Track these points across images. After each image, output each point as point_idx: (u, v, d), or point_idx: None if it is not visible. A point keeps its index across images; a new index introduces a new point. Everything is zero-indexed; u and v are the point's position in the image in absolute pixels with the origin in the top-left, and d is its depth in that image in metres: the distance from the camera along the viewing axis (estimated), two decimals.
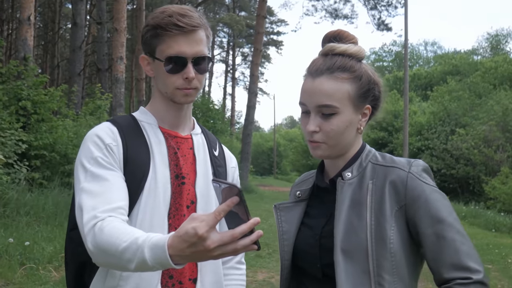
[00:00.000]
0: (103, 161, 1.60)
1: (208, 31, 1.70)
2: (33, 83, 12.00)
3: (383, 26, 33.75)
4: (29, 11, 12.82)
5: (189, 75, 1.63)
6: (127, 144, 1.66)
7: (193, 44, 1.63)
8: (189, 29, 1.61)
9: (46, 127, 11.82)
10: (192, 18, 1.63)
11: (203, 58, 1.66)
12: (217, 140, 1.90)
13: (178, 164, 1.69)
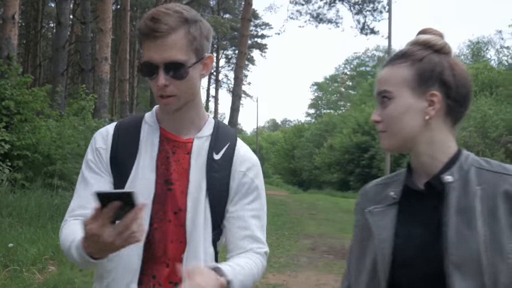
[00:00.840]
0: (92, 164, 1.67)
1: (192, 30, 1.57)
2: (17, 83, 11.88)
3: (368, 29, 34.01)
4: (13, 9, 12.69)
5: (158, 83, 1.56)
6: (118, 147, 1.67)
7: (164, 49, 1.53)
8: (157, 35, 1.52)
9: (29, 127, 11.71)
10: (163, 22, 1.52)
11: (176, 64, 1.55)
12: (230, 141, 1.74)
13: (169, 169, 1.66)
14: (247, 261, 1.64)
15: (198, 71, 1.62)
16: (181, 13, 1.55)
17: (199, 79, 1.64)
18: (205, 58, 1.63)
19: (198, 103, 1.71)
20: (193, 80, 1.60)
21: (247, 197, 1.69)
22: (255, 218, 1.72)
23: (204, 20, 1.64)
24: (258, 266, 1.68)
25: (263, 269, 1.73)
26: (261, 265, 1.72)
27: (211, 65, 1.66)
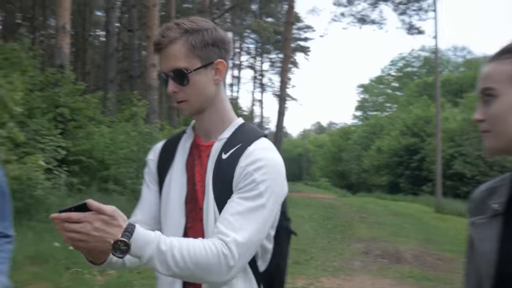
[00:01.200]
0: (146, 176, 1.86)
1: (191, 39, 1.67)
2: (70, 91, 12.20)
3: (414, 29, 33.46)
4: (64, 19, 13.03)
5: (168, 90, 1.69)
6: (161, 156, 1.84)
7: (167, 59, 1.66)
8: (160, 47, 1.67)
9: (83, 133, 12.01)
10: (164, 35, 1.66)
11: (176, 71, 1.66)
12: (244, 142, 1.73)
13: (194, 171, 1.75)
14: (196, 243, 1.52)
15: (206, 76, 1.69)
16: (181, 25, 1.67)
17: (212, 84, 1.71)
18: (214, 63, 1.69)
19: (219, 108, 1.76)
20: (199, 85, 1.67)
21: (242, 188, 1.62)
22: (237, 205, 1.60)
23: (214, 29, 1.71)
24: (208, 251, 1.49)
25: (219, 255, 1.50)
26: (214, 251, 1.50)
27: (224, 70, 1.71)
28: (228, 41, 1.74)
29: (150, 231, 1.46)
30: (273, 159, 1.66)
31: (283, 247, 1.84)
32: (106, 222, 1.38)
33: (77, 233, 1.36)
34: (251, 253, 1.58)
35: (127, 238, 1.40)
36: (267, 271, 1.76)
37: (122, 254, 1.40)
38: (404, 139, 35.18)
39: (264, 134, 1.77)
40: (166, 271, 1.46)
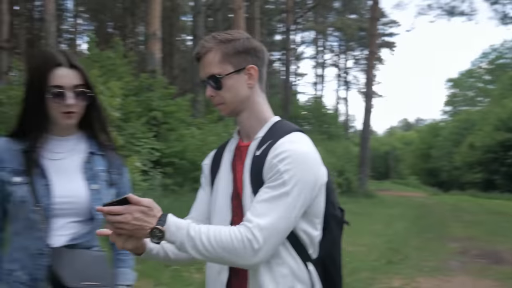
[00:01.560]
0: (202, 180, 2.05)
1: (223, 47, 1.83)
2: (162, 94, 12.63)
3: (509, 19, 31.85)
4: (155, 26, 13.52)
5: (206, 94, 1.89)
6: (213, 161, 2.00)
7: (205, 67, 1.84)
8: (199, 56, 1.87)
9: (175, 135, 12.38)
10: (201, 46, 1.86)
11: (211, 77, 1.83)
12: (275, 138, 1.82)
13: (237, 170, 1.90)
14: (223, 230, 1.67)
15: (239, 81, 1.85)
16: (216, 37, 1.86)
17: (246, 88, 1.86)
18: (246, 69, 1.84)
19: (255, 109, 1.90)
20: (233, 88, 1.84)
21: (268, 179, 1.73)
22: (263, 193, 1.71)
23: (247, 39, 1.88)
24: (232, 236, 1.64)
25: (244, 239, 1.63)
26: (239, 236, 1.64)
27: (256, 75, 1.86)
28: (260, 49, 1.90)
29: (181, 220, 1.66)
30: (298, 150, 1.74)
31: (334, 236, 1.93)
32: (145, 213, 1.59)
33: (120, 223, 1.57)
34: (278, 239, 1.68)
35: (161, 225, 1.60)
36: (319, 259, 1.86)
37: (158, 240, 1.61)
38: (499, 135, 33.54)
39: (297, 129, 1.86)
40: (198, 254, 1.64)
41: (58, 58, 2.03)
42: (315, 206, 1.80)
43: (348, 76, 54.53)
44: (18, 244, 2.07)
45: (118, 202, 1.61)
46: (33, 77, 2.05)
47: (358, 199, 19.85)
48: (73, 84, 2.03)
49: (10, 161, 2.06)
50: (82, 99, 2.07)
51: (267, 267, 1.77)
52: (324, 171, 1.84)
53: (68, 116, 2.06)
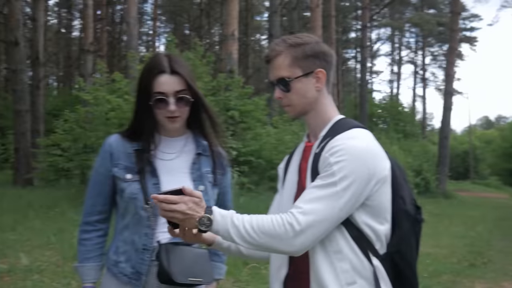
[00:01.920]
0: (278, 185, 2.13)
1: (293, 51, 1.90)
2: (239, 94, 12.82)
3: None
4: (233, 27, 13.74)
5: (274, 96, 1.97)
6: (286, 164, 2.09)
7: (273, 69, 1.93)
8: (268, 59, 1.95)
9: (251, 134, 12.54)
10: (271, 49, 1.94)
11: (280, 80, 1.91)
12: (333, 135, 1.87)
13: (301, 169, 1.97)
14: (265, 217, 1.76)
15: (308, 84, 1.91)
16: (287, 40, 1.93)
17: (313, 91, 1.92)
18: (315, 72, 1.91)
19: (321, 111, 1.96)
20: (300, 91, 1.91)
21: (321, 172, 1.79)
22: (312, 188, 1.78)
23: (316, 43, 1.94)
24: (274, 221, 1.72)
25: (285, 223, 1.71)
26: (280, 221, 1.72)
27: (324, 78, 1.93)
28: (329, 53, 1.97)
29: (225, 210, 1.78)
30: (352, 144, 1.77)
31: (404, 232, 1.90)
32: (196, 203, 1.74)
33: (173, 212, 1.72)
34: (322, 227, 1.72)
35: (209, 214, 1.73)
36: (387, 254, 1.85)
37: (206, 228, 1.74)
38: None
39: (357, 126, 1.90)
40: (243, 242, 1.73)
41: (161, 65, 2.13)
42: (377, 200, 1.80)
43: (426, 73, 53.02)
44: (126, 238, 2.22)
45: (171, 192, 1.75)
46: (141, 82, 2.18)
47: (437, 200, 19.34)
48: (175, 90, 2.12)
49: (123, 159, 2.20)
50: (184, 104, 2.15)
51: (328, 261, 1.80)
52: (385, 166, 1.83)
53: (172, 120, 2.16)
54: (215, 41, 47.02)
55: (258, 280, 6.43)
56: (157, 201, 1.74)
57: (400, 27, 43.72)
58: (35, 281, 5.80)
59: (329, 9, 24.38)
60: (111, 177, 2.22)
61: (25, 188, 14.79)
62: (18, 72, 15.69)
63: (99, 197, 2.26)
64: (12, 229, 8.54)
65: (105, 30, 32.47)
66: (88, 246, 2.28)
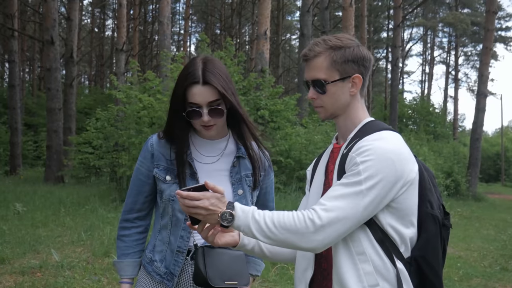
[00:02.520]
0: (306, 188, 2.14)
1: (333, 54, 1.88)
2: (270, 93, 12.81)
3: None
4: (265, 26, 13.75)
5: (308, 96, 1.97)
6: (313, 166, 2.10)
7: (310, 70, 1.90)
8: (307, 59, 1.92)
9: (281, 134, 12.51)
10: (311, 49, 1.90)
11: (316, 81, 1.89)
12: (361, 136, 1.86)
13: (328, 171, 1.98)
14: (286, 213, 1.76)
15: (343, 88, 1.90)
16: (327, 42, 1.90)
17: (348, 95, 1.91)
18: (352, 78, 1.90)
19: (352, 114, 1.96)
20: (335, 95, 1.90)
21: (347, 173, 1.78)
22: (337, 185, 1.77)
23: (357, 48, 1.91)
24: (295, 217, 1.73)
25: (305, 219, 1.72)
26: (301, 217, 1.73)
27: (360, 84, 1.91)
28: (368, 58, 1.94)
29: (247, 206, 1.81)
30: (379, 145, 1.75)
31: (430, 235, 1.87)
32: (219, 199, 1.76)
33: (196, 208, 1.73)
34: (344, 225, 1.70)
35: (231, 210, 1.74)
36: (412, 258, 1.83)
37: (228, 224, 1.75)
38: None
39: (386, 128, 1.88)
40: (264, 238, 1.74)
41: (195, 75, 2.09)
42: (403, 203, 1.78)
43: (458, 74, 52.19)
44: (163, 237, 2.24)
45: (194, 188, 1.77)
46: (176, 90, 2.16)
47: (467, 202, 19.03)
48: (208, 101, 2.09)
49: (164, 160, 2.22)
50: (218, 114, 2.12)
51: (351, 262, 1.78)
52: (413, 169, 1.80)
53: (207, 129, 2.16)
54: (245, 41, 47.20)
55: (286, 281, 6.42)
56: (180, 197, 1.75)
57: (434, 26, 43.11)
58: (66, 278, 5.88)
59: (361, 8, 24.22)
60: (152, 177, 2.24)
61: (56, 185, 15.05)
62: (52, 71, 15.98)
63: (139, 195, 2.29)
64: (44, 225, 8.70)
65: (137, 30, 32.85)
66: (127, 242, 2.31)
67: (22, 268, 6.13)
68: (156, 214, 2.32)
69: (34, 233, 8.00)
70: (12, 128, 20.41)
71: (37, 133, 27.69)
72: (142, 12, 38.30)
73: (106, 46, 44.18)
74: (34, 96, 34.96)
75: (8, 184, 15.01)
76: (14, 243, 7.28)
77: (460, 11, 41.69)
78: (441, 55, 53.48)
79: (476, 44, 46.73)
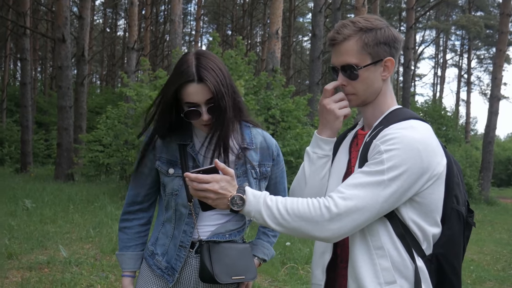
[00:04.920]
0: None
1: (364, 37, 1.76)
2: (281, 93, 12.72)
3: None
4: (277, 25, 13.70)
5: (337, 83, 1.84)
6: (336, 142, 1.97)
7: (339, 54, 1.78)
8: (334, 43, 1.80)
9: (291, 134, 12.42)
10: (339, 32, 1.78)
11: (349, 66, 1.77)
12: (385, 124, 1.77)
13: (351, 155, 1.89)
14: (300, 199, 1.67)
15: (375, 73, 1.79)
16: (356, 24, 1.77)
17: (380, 80, 1.81)
18: (384, 61, 1.79)
19: (381, 101, 1.86)
20: (368, 80, 1.79)
21: (370, 160, 1.69)
22: (357, 173, 1.68)
23: (388, 28, 1.80)
24: (310, 204, 1.64)
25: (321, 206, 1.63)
26: (316, 204, 1.64)
27: (392, 67, 1.81)
28: (400, 39, 1.82)
29: (259, 191, 1.70)
30: (406, 134, 1.65)
31: (453, 232, 1.77)
32: (229, 182, 1.67)
33: (206, 191, 1.64)
34: (362, 216, 1.60)
35: (242, 193, 1.65)
36: (433, 255, 1.72)
37: (239, 208, 1.66)
38: None
39: (414, 117, 1.76)
40: (275, 224, 1.64)
41: (189, 73, 1.96)
42: (427, 198, 1.68)
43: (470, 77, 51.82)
44: (167, 231, 2.16)
45: (204, 171, 1.68)
46: (166, 89, 2.05)
47: (479, 206, 18.87)
48: (205, 99, 1.97)
49: (166, 152, 2.13)
50: (216, 111, 2.00)
51: (368, 256, 1.69)
52: (441, 162, 1.70)
53: (208, 126, 2.05)
54: (256, 42, 47.18)
55: (295, 281, 6.35)
56: (189, 179, 1.66)
57: (447, 29, 42.83)
58: (74, 274, 5.83)
59: (374, 10, 24.07)
60: (154, 169, 2.16)
61: (66, 183, 15.06)
62: (64, 69, 16.00)
63: (142, 188, 2.22)
64: (52, 222, 8.67)
65: (149, 30, 32.91)
66: (129, 234, 2.25)
67: (29, 264, 6.09)
68: (159, 206, 2.24)
69: (43, 229, 7.97)
70: (23, 125, 20.53)
71: (49, 131, 27.82)
72: (154, 12, 38.37)
73: (118, 46, 44.33)
74: (46, 95, 35.14)
75: (18, 181, 15.04)
76: (22, 238, 7.25)
77: (474, 14, 41.39)
78: (454, 58, 53.18)
79: (489, 47, 46.37)
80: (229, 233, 2.12)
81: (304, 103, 12.99)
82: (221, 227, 2.11)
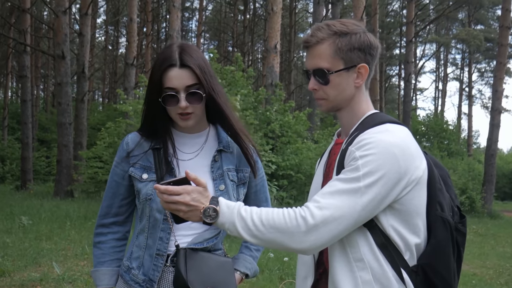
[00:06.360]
0: None
1: (338, 41, 1.71)
2: (281, 108, 12.69)
3: None
4: (275, 40, 13.68)
5: (308, 87, 1.78)
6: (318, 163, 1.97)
7: (313, 58, 1.74)
8: (308, 45, 1.76)
9: (291, 149, 12.37)
10: (313, 34, 1.73)
11: (318, 70, 1.74)
12: (360, 130, 1.71)
13: (329, 167, 1.82)
14: (276, 209, 1.62)
15: (347, 79, 1.74)
16: (331, 27, 1.73)
17: (352, 86, 1.76)
18: (357, 67, 1.73)
19: (355, 108, 1.80)
20: (339, 86, 1.74)
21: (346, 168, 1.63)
22: (333, 181, 1.63)
23: (364, 34, 1.74)
24: (285, 214, 1.58)
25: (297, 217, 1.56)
26: (292, 214, 1.58)
27: (366, 74, 1.75)
28: (375, 46, 1.76)
29: (233, 202, 1.63)
30: (381, 138, 1.59)
31: (439, 241, 1.66)
32: (201, 193, 1.61)
33: (176, 203, 1.58)
34: (339, 225, 1.53)
35: (215, 205, 1.59)
36: (418, 266, 1.64)
37: (212, 220, 1.59)
38: None
39: (391, 121, 1.69)
40: (250, 237, 1.57)
41: (171, 58, 1.92)
42: (407, 204, 1.60)
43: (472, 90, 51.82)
44: (140, 242, 2.06)
45: (174, 182, 1.62)
46: (151, 76, 1.99)
47: (482, 220, 18.72)
48: (185, 85, 1.91)
49: (140, 157, 2.05)
50: (197, 100, 1.94)
51: (348, 269, 1.62)
52: (419, 166, 1.62)
53: (185, 118, 1.97)
54: (257, 58, 47.33)
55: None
56: (159, 192, 1.59)
57: (447, 42, 42.91)
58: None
59: (373, 24, 24.10)
60: (127, 177, 2.07)
61: (65, 199, 14.98)
62: (63, 85, 15.99)
63: (115, 198, 2.12)
64: (48, 239, 8.57)
65: (150, 46, 33.02)
66: (103, 249, 2.14)
67: (21, 281, 5.99)
68: (136, 219, 2.14)
69: (38, 246, 7.87)
70: (24, 143, 20.51)
71: (50, 148, 27.82)
72: (155, 29, 38.56)
73: (120, 64, 44.52)
74: (48, 112, 35.20)
75: (17, 198, 14.97)
76: (16, 255, 7.15)
77: (473, 27, 41.48)
78: (455, 71, 53.20)
79: (490, 60, 46.40)
80: (207, 241, 2.02)
81: (304, 118, 12.95)
82: (199, 236, 2.01)
